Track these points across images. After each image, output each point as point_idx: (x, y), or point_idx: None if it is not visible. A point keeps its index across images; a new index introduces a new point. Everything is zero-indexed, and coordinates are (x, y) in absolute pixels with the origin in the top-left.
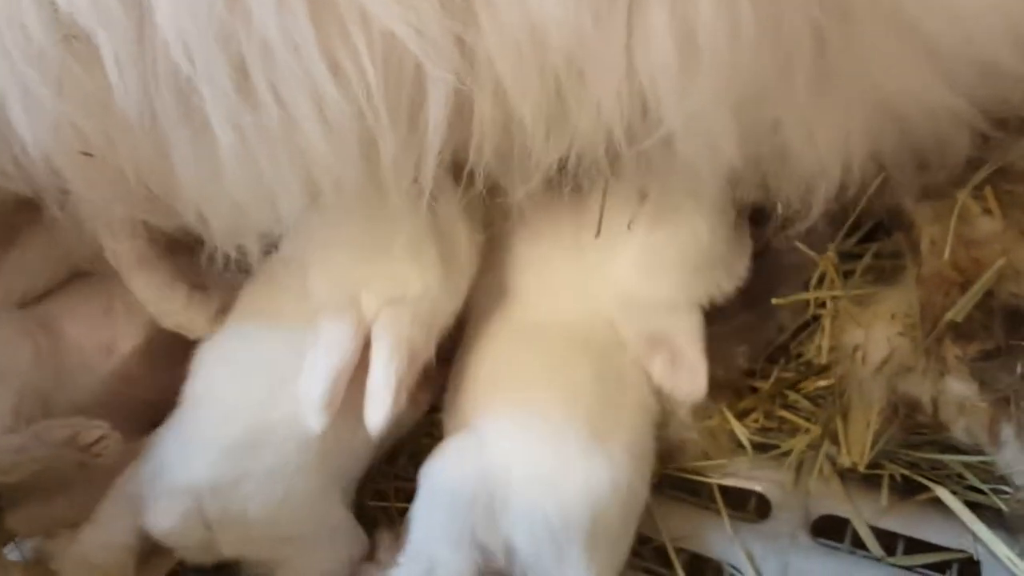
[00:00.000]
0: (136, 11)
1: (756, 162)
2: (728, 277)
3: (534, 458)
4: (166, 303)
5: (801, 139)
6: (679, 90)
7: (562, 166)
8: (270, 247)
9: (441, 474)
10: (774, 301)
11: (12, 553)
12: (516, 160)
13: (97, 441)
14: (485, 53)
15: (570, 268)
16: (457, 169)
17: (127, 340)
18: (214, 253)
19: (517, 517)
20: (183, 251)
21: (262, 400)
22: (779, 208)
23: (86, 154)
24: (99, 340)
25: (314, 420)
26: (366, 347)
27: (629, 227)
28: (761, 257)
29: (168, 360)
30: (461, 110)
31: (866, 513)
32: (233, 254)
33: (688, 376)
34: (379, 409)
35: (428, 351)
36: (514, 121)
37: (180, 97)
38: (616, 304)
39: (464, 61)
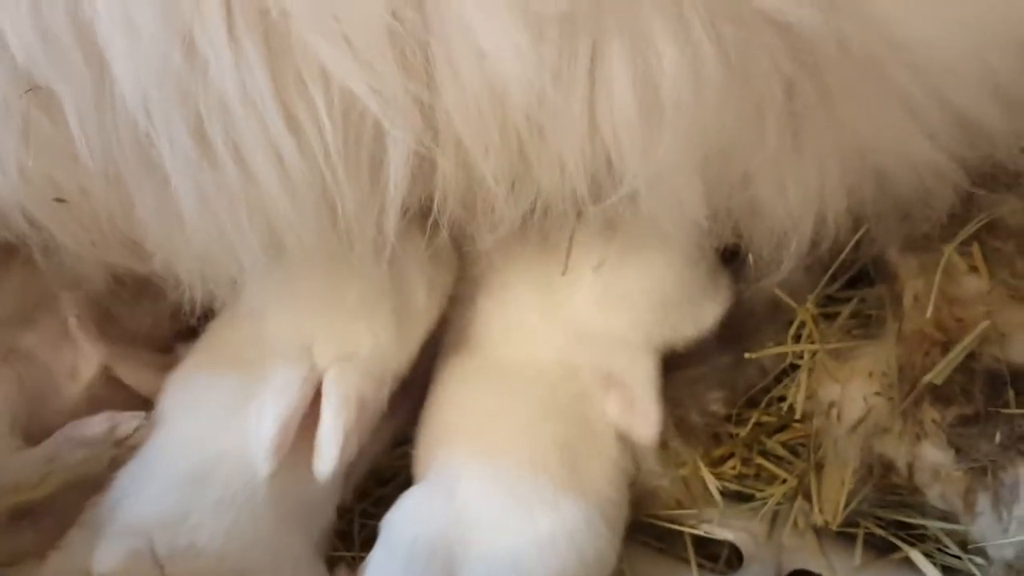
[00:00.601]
0: (96, 64)
1: (726, 213)
2: (692, 323)
3: (497, 513)
4: (140, 385)
5: (772, 193)
6: (642, 146)
7: (527, 218)
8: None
9: (401, 525)
10: (747, 355)
11: None
12: (481, 213)
13: (135, 432)
14: (445, 112)
15: (538, 310)
16: (423, 217)
17: (90, 364)
18: (185, 297)
19: (473, 569)
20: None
21: (210, 435)
22: (750, 259)
23: (59, 200)
24: (63, 364)
25: (262, 464)
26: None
27: (597, 269)
28: (739, 299)
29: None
30: (423, 167)
31: (840, 570)
32: (202, 299)
33: (641, 419)
34: (327, 462)
35: (379, 400)
36: (476, 178)
37: (140, 151)
38: (573, 338)
39: (424, 120)
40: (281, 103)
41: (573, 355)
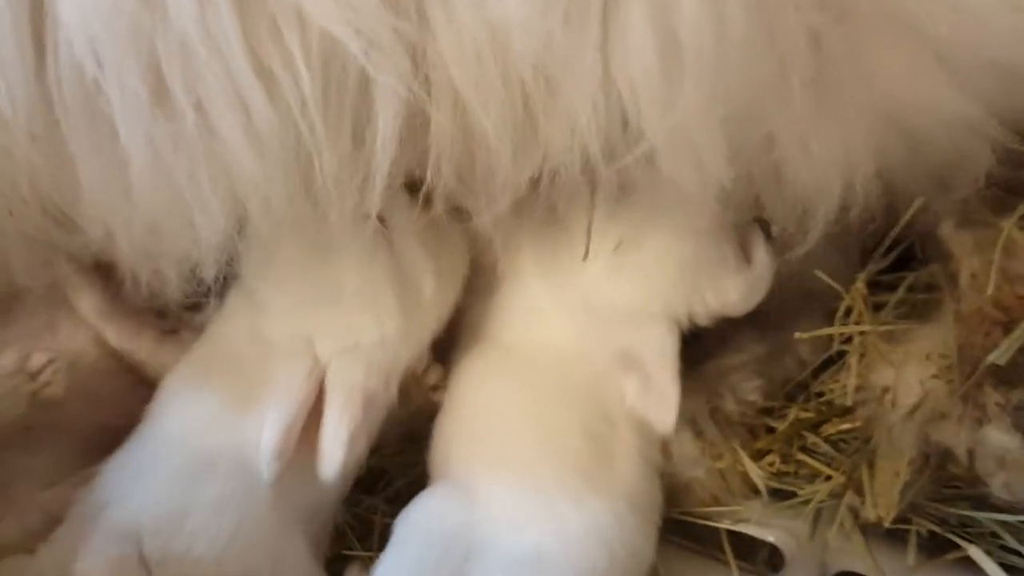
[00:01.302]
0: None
1: (748, 181)
2: (714, 295)
3: (519, 510)
4: (135, 353)
5: (797, 156)
6: (661, 99)
7: (533, 187)
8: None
9: (415, 525)
10: (797, 335)
11: None
12: (480, 181)
13: (46, 365)
14: (439, 57)
15: (549, 293)
16: (412, 191)
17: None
18: (127, 278)
19: (491, 569)
20: None
21: (207, 432)
22: (774, 231)
23: None
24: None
25: (266, 469)
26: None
27: (616, 249)
28: (774, 285)
29: (129, 380)
30: (414, 123)
31: (889, 572)
32: (147, 279)
33: (659, 402)
34: (331, 464)
35: (389, 396)
36: (476, 137)
37: (85, 102)
38: (587, 318)
39: (415, 67)
40: (250, 46)
41: (589, 338)
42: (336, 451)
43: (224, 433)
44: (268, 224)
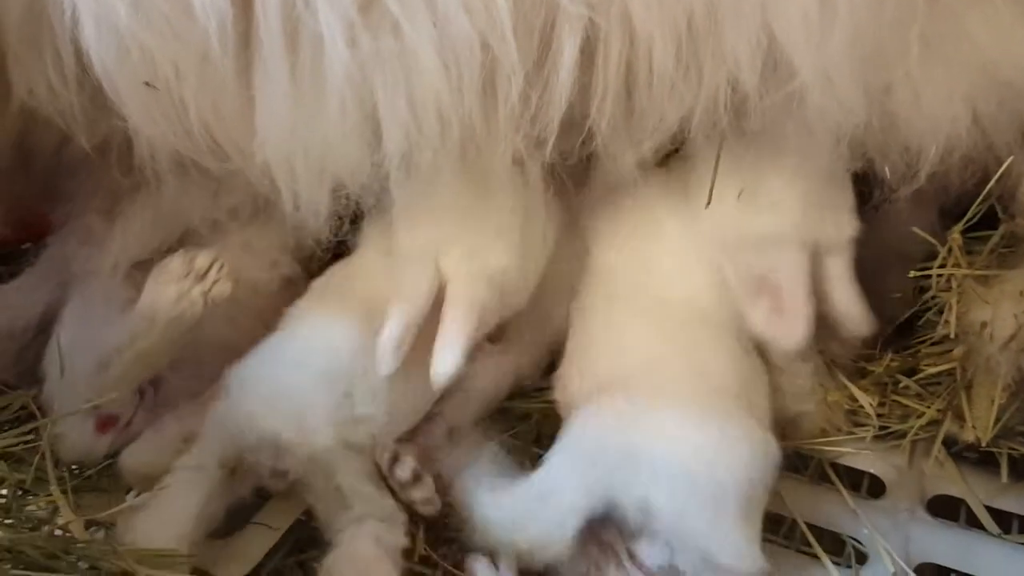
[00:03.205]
0: None
1: (866, 126)
2: (836, 227)
3: (674, 425)
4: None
5: (909, 104)
6: (816, 39)
7: (684, 126)
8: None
9: (585, 428)
10: (911, 274)
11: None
12: (635, 118)
13: (212, 263)
14: None
15: (681, 238)
16: (574, 131)
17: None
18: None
19: (663, 477)
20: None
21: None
22: (887, 172)
23: (149, 85)
24: None
25: (383, 362)
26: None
27: (740, 196)
28: (865, 246)
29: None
30: (588, 54)
31: (981, 493)
32: (300, 208)
33: (790, 322)
34: (448, 364)
35: (493, 323)
36: (639, 75)
37: (289, 18)
38: (722, 247)
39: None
40: None
41: (725, 276)
42: (451, 355)
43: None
44: (439, 155)
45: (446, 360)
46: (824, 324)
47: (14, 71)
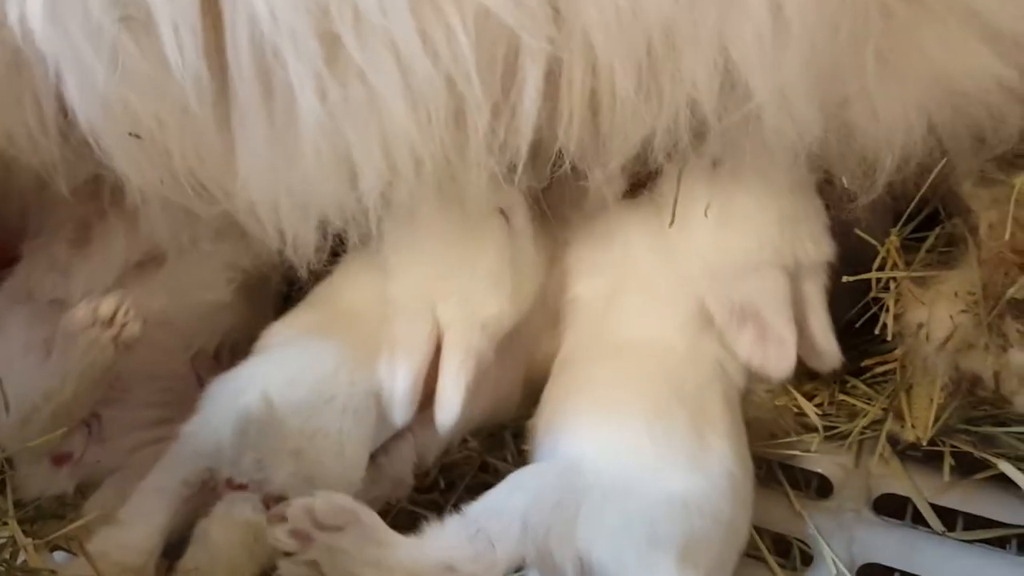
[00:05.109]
0: None
1: (823, 140)
2: (813, 242)
3: (629, 475)
4: None
5: (866, 116)
6: (771, 60)
7: (646, 146)
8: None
9: (532, 473)
10: (844, 279)
11: None
12: (601, 139)
13: (117, 308)
14: (580, 23)
15: (656, 266)
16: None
17: None
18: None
19: (603, 528)
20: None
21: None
22: (844, 181)
23: (134, 135)
24: None
25: (399, 414)
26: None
27: (707, 211)
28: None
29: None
30: (552, 83)
31: (927, 491)
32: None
33: (777, 350)
34: (450, 411)
35: (491, 359)
36: (604, 98)
37: (261, 70)
38: (703, 278)
39: (559, 31)
40: (416, 13)
41: (701, 300)
42: (453, 402)
43: (341, 378)
44: (416, 189)
45: (449, 408)
46: None
47: None
